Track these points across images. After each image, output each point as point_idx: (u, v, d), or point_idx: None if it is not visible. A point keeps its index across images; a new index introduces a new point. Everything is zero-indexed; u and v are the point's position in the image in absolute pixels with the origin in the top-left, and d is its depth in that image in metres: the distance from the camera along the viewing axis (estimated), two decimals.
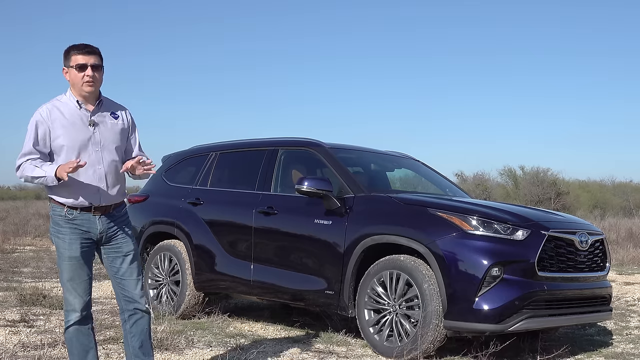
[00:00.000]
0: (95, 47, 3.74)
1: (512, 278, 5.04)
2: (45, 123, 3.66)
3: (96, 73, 3.71)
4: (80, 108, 3.73)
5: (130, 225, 3.94)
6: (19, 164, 3.67)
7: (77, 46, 3.71)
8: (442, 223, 5.25)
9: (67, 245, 3.71)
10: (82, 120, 3.71)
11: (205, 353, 5.19)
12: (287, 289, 6.05)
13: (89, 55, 3.69)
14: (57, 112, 3.69)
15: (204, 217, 6.75)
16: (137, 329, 3.86)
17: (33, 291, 7.38)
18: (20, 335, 5.55)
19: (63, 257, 3.73)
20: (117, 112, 3.87)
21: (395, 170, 7.17)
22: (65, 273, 3.73)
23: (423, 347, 5.10)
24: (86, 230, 3.73)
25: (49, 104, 3.72)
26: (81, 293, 3.74)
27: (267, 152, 6.63)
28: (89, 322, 3.82)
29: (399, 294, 5.31)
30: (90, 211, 3.73)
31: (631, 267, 13.01)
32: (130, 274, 3.84)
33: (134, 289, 3.84)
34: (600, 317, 5.84)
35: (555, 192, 36.78)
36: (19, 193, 59.72)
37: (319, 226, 5.85)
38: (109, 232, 3.80)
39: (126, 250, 3.84)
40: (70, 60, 3.70)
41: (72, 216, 3.71)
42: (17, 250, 13.48)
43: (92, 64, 3.69)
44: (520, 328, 5.06)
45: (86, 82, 3.68)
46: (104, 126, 3.77)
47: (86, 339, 3.80)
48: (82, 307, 3.75)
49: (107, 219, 3.78)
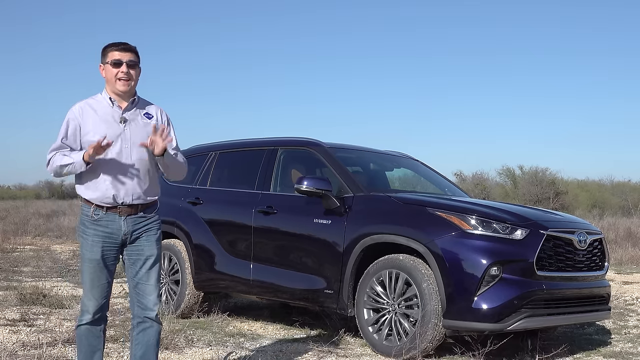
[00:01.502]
0: (132, 46, 3.71)
1: (511, 277, 5.05)
2: (77, 120, 3.64)
3: (131, 70, 3.67)
4: (113, 105, 3.69)
5: (159, 229, 3.79)
6: (49, 158, 3.64)
7: (115, 43, 3.68)
8: (441, 222, 5.26)
9: (89, 246, 3.64)
10: (114, 117, 3.67)
11: (205, 352, 5.20)
12: (287, 288, 6.07)
13: (125, 52, 3.66)
14: (89, 110, 3.67)
15: (203, 216, 6.76)
16: (144, 338, 3.75)
17: (33, 290, 7.39)
18: (20, 334, 5.56)
19: (84, 259, 3.67)
20: (152, 112, 3.80)
21: (394, 169, 7.18)
22: (85, 274, 3.66)
23: (422, 346, 5.11)
24: (110, 232, 3.64)
25: (83, 102, 3.70)
26: (97, 296, 3.65)
27: (266, 152, 6.64)
28: (101, 324, 3.74)
29: (398, 293, 5.33)
30: (116, 211, 3.64)
31: (630, 266, 13.02)
32: (147, 279, 3.72)
33: (149, 295, 3.72)
34: (599, 316, 5.86)
35: (553, 191, 36.78)
36: (19, 193, 59.71)
37: (318, 226, 5.86)
38: (134, 234, 3.69)
39: (148, 254, 3.72)
40: (107, 56, 3.67)
41: (97, 217, 3.62)
42: (17, 250, 13.48)
43: (127, 61, 3.65)
44: (519, 327, 5.08)
45: (120, 79, 3.64)
46: (135, 124, 3.70)
47: (95, 340, 3.74)
48: (96, 310, 3.67)
49: (133, 220, 3.67)
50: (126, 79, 3.65)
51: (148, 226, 3.73)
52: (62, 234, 17.83)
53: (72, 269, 10.17)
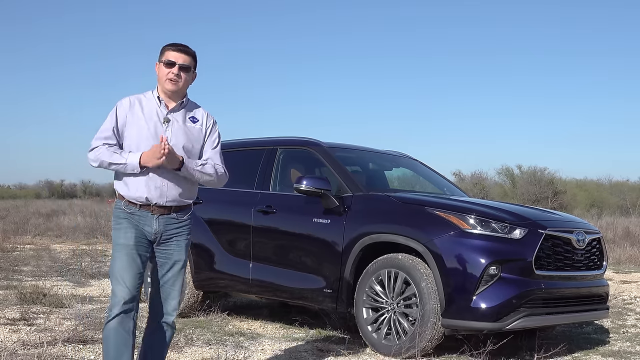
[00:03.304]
0: (191, 50, 3.70)
1: (509, 277, 5.06)
2: (126, 111, 3.62)
3: (183, 73, 3.65)
4: (160, 105, 3.68)
5: (189, 235, 3.75)
6: (96, 145, 3.59)
7: (174, 44, 3.67)
8: (440, 222, 5.28)
9: (122, 233, 3.59)
10: (158, 116, 3.65)
11: (205, 351, 5.21)
12: (286, 287, 6.08)
13: (181, 54, 3.65)
14: (138, 105, 3.65)
15: (203, 216, 6.77)
16: (157, 341, 3.72)
17: (33, 289, 7.40)
18: (20, 333, 5.57)
19: (117, 246, 3.60)
20: (198, 116, 3.76)
21: (393, 169, 7.20)
22: (117, 261, 3.57)
23: (421, 346, 5.13)
24: (142, 227, 3.60)
25: (133, 97, 3.69)
26: (129, 283, 3.54)
27: (266, 152, 6.65)
28: (130, 321, 3.56)
29: (397, 293, 5.34)
30: (149, 209, 3.61)
31: (628, 265, 13.05)
32: (173, 284, 3.71)
33: (172, 300, 3.71)
34: (598, 315, 5.87)
35: (552, 191, 36.81)
36: (19, 192, 59.74)
37: (317, 225, 5.87)
38: (165, 235, 3.65)
39: (176, 259, 3.70)
40: (163, 55, 3.67)
41: (130, 210, 3.59)
42: (17, 249, 13.49)
43: (181, 63, 3.64)
44: (517, 326, 5.09)
45: (169, 79, 3.63)
46: (177, 125, 3.67)
47: (123, 339, 3.54)
48: (127, 299, 3.53)
49: (165, 220, 3.63)
50: (175, 80, 3.63)
51: (180, 230, 3.69)
52: (62, 233, 17.83)
53: (72, 268, 10.18)
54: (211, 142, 3.80)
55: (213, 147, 3.80)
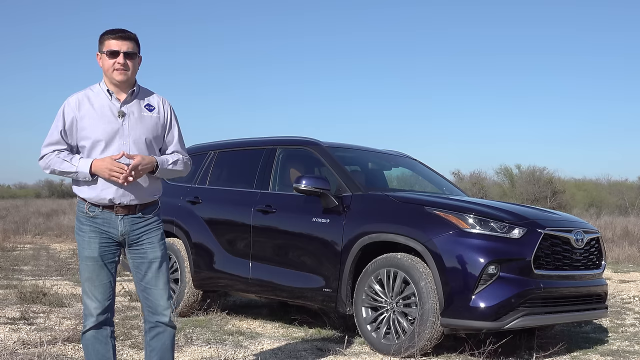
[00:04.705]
0: (131, 33, 3.47)
1: (508, 276, 5.07)
2: (73, 113, 3.42)
3: (129, 61, 3.43)
4: (111, 98, 3.46)
5: (160, 230, 3.58)
6: (44, 153, 3.42)
7: (112, 30, 3.44)
8: (439, 221, 5.29)
9: (85, 244, 3.45)
10: (112, 111, 3.44)
11: (204, 350, 5.22)
12: (285, 286, 6.09)
13: (123, 41, 3.42)
14: (87, 103, 3.44)
15: (202, 215, 6.78)
16: (158, 343, 3.55)
17: (33, 289, 7.42)
18: (20, 332, 5.58)
19: (82, 257, 3.47)
20: (153, 103, 3.56)
21: (392, 169, 7.21)
22: (84, 273, 3.46)
23: (420, 345, 5.14)
24: (106, 230, 3.45)
25: (80, 94, 3.48)
26: (99, 297, 3.44)
27: (265, 151, 6.66)
28: (107, 329, 3.50)
29: (396, 292, 5.35)
30: (113, 210, 3.44)
31: (627, 265, 13.06)
32: (155, 283, 3.51)
33: (159, 300, 3.52)
34: (596, 314, 5.87)
35: (551, 190, 36.78)
36: (19, 192, 59.71)
37: (316, 224, 5.88)
38: (133, 235, 3.49)
39: (152, 257, 3.52)
40: (104, 44, 3.44)
41: (93, 214, 3.44)
42: (17, 248, 13.51)
43: (125, 50, 3.41)
44: (516, 326, 5.10)
45: (117, 70, 3.41)
46: (133, 117, 3.46)
47: (103, 347, 3.49)
48: (99, 312, 3.44)
49: (131, 220, 3.47)
50: (122, 70, 3.43)
51: (148, 227, 3.53)
52: (61, 232, 17.85)
53: (72, 267, 10.19)
54: (173, 132, 3.62)
55: (176, 138, 3.63)
